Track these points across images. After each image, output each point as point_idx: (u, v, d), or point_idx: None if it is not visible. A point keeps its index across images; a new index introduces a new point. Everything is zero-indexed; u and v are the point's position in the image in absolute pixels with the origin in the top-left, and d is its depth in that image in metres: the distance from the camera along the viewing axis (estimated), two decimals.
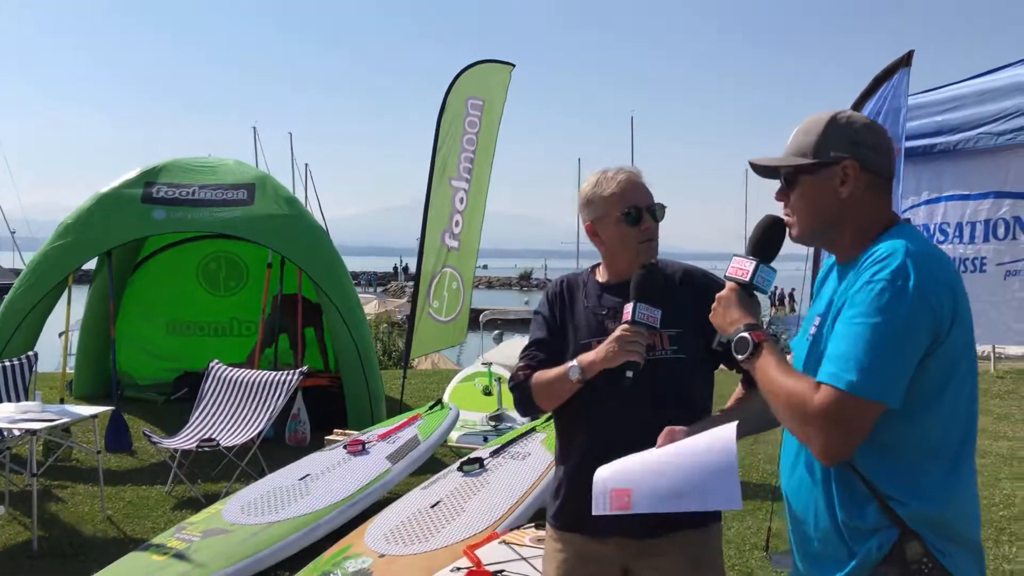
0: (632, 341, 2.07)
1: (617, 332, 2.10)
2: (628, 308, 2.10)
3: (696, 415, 2.14)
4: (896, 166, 3.88)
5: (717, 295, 1.85)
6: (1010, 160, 3.98)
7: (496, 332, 22.09)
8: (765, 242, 1.83)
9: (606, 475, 1.96)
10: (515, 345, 18.32)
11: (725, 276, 1.87)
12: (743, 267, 1.82)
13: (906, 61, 3.87)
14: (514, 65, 8.82)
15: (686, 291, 2.23)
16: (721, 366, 2.26)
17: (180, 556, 4.37)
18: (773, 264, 1.84)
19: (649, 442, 2.01)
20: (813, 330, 1.73)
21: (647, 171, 2.31)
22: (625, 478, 1.92)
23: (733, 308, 1.80)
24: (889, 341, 1.53)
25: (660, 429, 2.04)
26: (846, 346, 1.56)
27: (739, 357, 1.74)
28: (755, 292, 1.83)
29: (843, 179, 1.70)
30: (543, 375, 2.23)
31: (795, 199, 1.76)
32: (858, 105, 4.05)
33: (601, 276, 2.33)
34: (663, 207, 2.27)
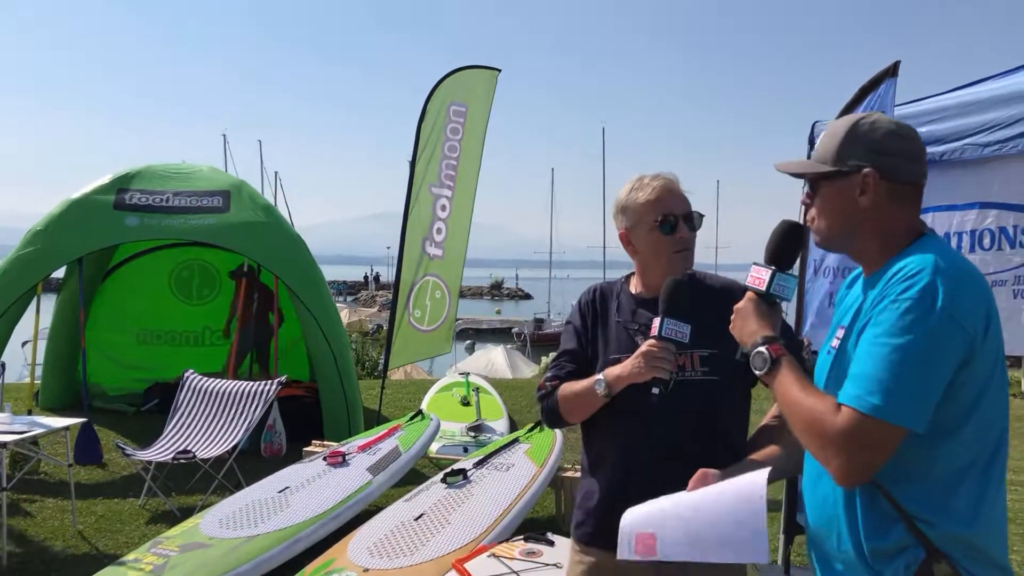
0: (659, 357, 2.00)
1: (643, 347, 2.04)
2: (656, 323, 2.04)
3: (727, 438, 2.09)
4: None
5: (735, 306, 1.81)
6: (995, 171, 4.00)
7: (468, 342, 21.98)
8: (781, 249, 1.78)
9: (632, 519, 1.91)
10: (488, 355, 18.25)
11: (745, 286, 1.83)
12: (760, 276, 1.78)
13: (892, 72, 3.89)
14: (499, 70, 8.77)
15: (723, 308, 2.07)
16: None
17: (157, 571, 4.24)
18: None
19: (676, 465, 1.97)
20: (836, 343, 1.69)
21: (619, 182, 2.26)
22: (651, 522, 1.86)
23: (751, 319, 1.76)
24: (916, 364, 1.47)
25: (687, 452, 2.00)
26: (871, 367, 1.50)
27: (757, 372, 1.70)
28: (776, 301, 1.79)
29: (863, 188, 1.65)
30: (570, 387, 2.19)
31: (818, 205, 1.73)
32: (843, 115, 4.05)
33: (635, 287, 2.27)
34: (701, 216, 2.21)
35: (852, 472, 1.51)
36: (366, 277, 63.73)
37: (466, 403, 8.26)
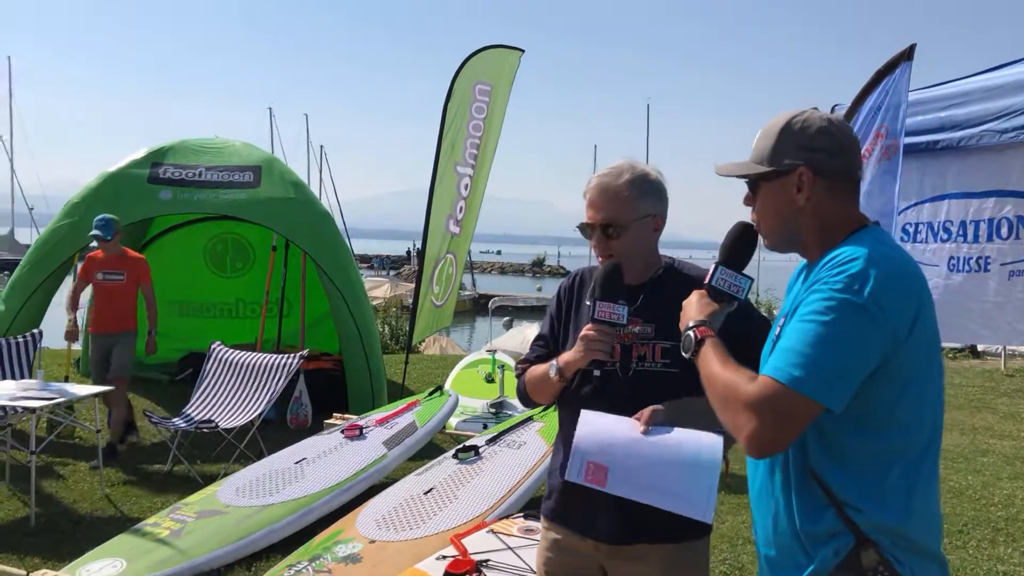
0: (596, 340, 2.03)
1: (582, 331, 2.08)
2: (594, 307, 2.07)
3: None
4: (895, 162, 3.85)
5: (684, 301, 1.84)
6: (1013, 158, 3.91)
7: (506, 319, 22.12)
8: (732, 248, 1.82)
9: (587, 444, 1.95)
10: (524, 333, 18.34)
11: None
12: (709, 271, 1.83)
13: (908, 55, 3.81)
14: (523, 51, 8.76)
15: None
16: None
17: (173, 536, 4.41)
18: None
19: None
20: (778, 330, 1.71)
21: (662, 158, 2.20)
22: (606, 456, 1.91)
23: (690, 309, 1.80)
24: (839, 344, 1.49)
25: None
26: (795, 342, 1.53)
27: (685, 355, 1.74)
28: (725, 297, 1.80)
29: (799, 186, 1.67)
30: (535, 370, 2.25)
31: (759, 206, 1.74)
32: (860, 98, 3.99)
33: None
34: (619, 226, 2.13)
35: (762, 440, 1.52)
36: (408, 252, 64.20)
37: (490, 380, 8.34)
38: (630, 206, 2.15)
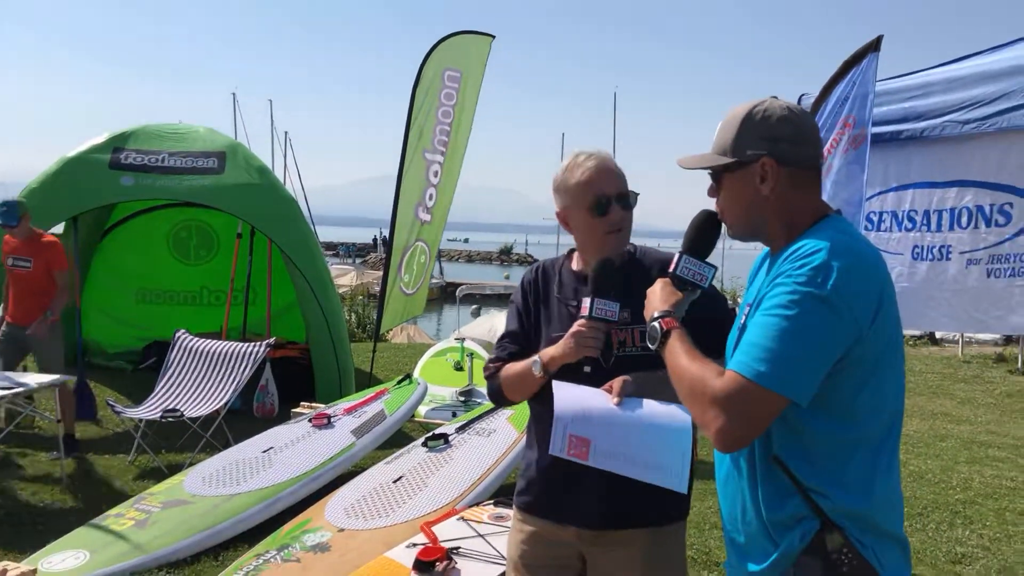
0: (588, 337, 2.03)
1: (574, 328, 2.06)
2: (585, 303, 2.06)
3: None
4: (862, 152, 3.90)
5: (648, 289, 1.85)
6: (975, 148, 3.99)
7: (474, 307, 22.09)
8: (695, 237, 1.83)
9: (569, 418, 1.96)
10: (491, 320, 18.35)
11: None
12: (673, 259, 1.84)
13: (875, 46, 3.86)
14: (493, 36, 8.69)
15: None
16: None
17: (138, 527, 4.35)
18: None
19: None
20: (743, 319, 1.72)
21: (628, 147, 2.22)
22: (588, 429, 1.93)
23: (654, 298, 1.81)
24: (803, 337, 1.51)
25: None
26: (759, 337, 1.54)
27: (651, 347, 1.75)
28: (689, 285, 1.82)
29: (763, 176, 1.67)
30: (511, 368, 2.21)
31: (722, 197, 1.75)
32: (828, 88, 4.04)
33: (576, 264, 2.28)
34: (635, 195, 2.19)
35: (729, 435, 1.54)
36: (375, 239, 63.78)
37: (459, 368, 8.33)
38: (627, 182, 2.20)
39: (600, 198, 2.15)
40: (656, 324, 1.73)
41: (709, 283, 1.84)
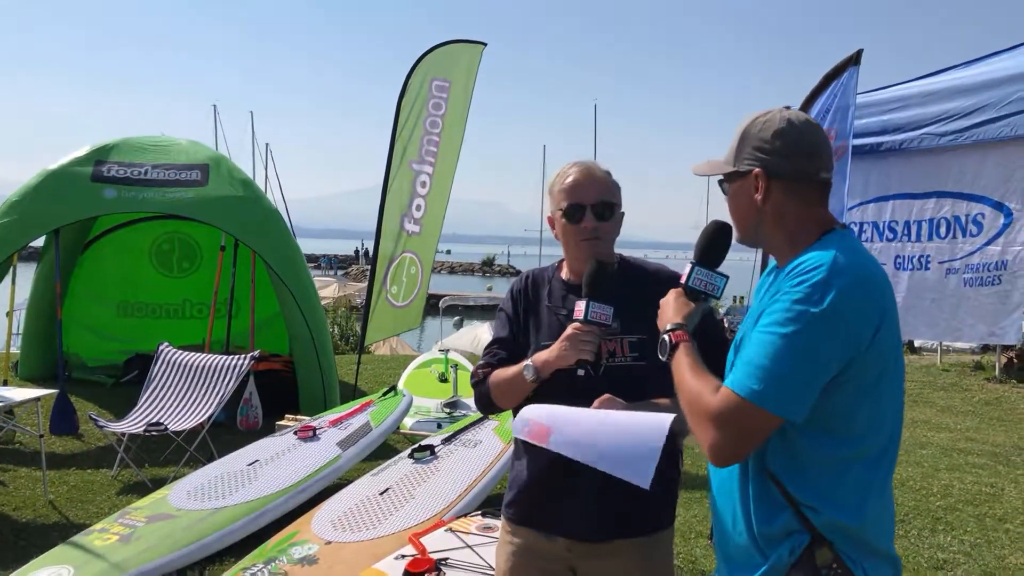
0: (583, 340, 2.05)
1: (568, 331, 2.08)
2: (580, 306, 2.09)
3: None
4: (843, 163, 3.97)
5: (661, 300, 1.87)
6: (951, 161, 4.07)
7: (456, 318, 22.09)
8: (706, 247, 1.85)
9: (532, 412, 2.00)
10: (475, 331, 18.33)
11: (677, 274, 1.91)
12: (684, 271, 1.86)
13: (855, 60, 3.93)
14: (485, 44, 8.66)
15: (653, 294, 2.12)
16: None
17: (123, 542, 4.32)
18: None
19: None
20: (742, 332, 1.75)
21: (608, 159, 2.26)
22: (549, 419, 1.96)
23: (668, 310, 1.83)
24: (798, 355, 1.52)
25: None
26: (755, 354, 1.56)
27: (662, 358, 1.77)
28: (701, 296, 1.84)
29: (756, 187, 1.70)
30: (501, 374, 2.23)
31: (728, 203, 1.79)
32: (809, 101, 4.10)
33: (565, 273, 2.30)
34: (612, 205, 2.20)
35: (722, 451, 1.57)
36: (357, 251, 63.64)
37: (444, 379, 8.34)
38: (614, 191, 2.24)
39: (573, 206, 2.19)
40: (666, 337, 1.76)
41: (721, 292, 1.85)
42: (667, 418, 1.84)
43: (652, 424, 1.83)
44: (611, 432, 1.87)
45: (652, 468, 1.76)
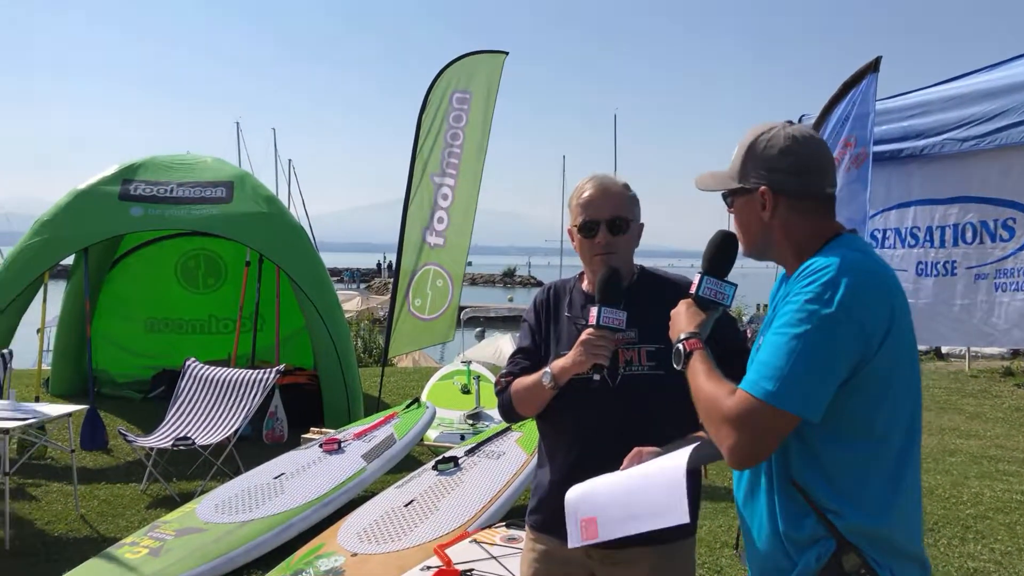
0: (597, 345, 2.09)
1: (583, 336, 2.12)
2: (593, 312, 2.12)
3: (674, 429, 2.14)
4: (864, 170, 3.96)
5: (672, 310, 1.89)
6: (975, 165, 4.05)
7: (478, 330, 22.13)
8: (713, 257, 1.88)
9: (576, 502, 2.01)
10: (496, 343, 18.35)
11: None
12: (694, 281, 1.89)
13: (874, 67, 3.92)
14: (507, 53, 8.62)
15: (669, 304, 2.17)
16: None
17: (153, 555, 4.37)
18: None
19: (625, 456, 2.05)
20: (761, 338, 1.76)
21: (630, 169, 2.28)
22: (592, 506, 1.98)
23: (680, 319, 1.85)
24: (810, 354, 1.53)
25: (636, 444, 2.07)
26: (769, 355, 1.57)
27: (676, 367, 1.78)
28: (712, 305, 1.86)
29: (763, 204, 1.72)
30: (522, 382, 2.27)
31: (734, 217, 1.81)
32: (828, 109, 4.10)
33: (585, 284, 2.34)
34: (626, 220, 2.24)
35: (741, 453, 1.58)
36: (379, 265, 63.99)
37: (466, 391, 8.35)
38: (630, 206, 2.27)
39: (588, 222, 2.23)
40: (680, 346, 1.78)
41: (731, 300, 1.87)
42: (683, 457, 1.86)
43: (671, 468, 1.86)
44: (639, 492, 1.90)
45: (685, 506, 1.78)
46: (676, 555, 2.21)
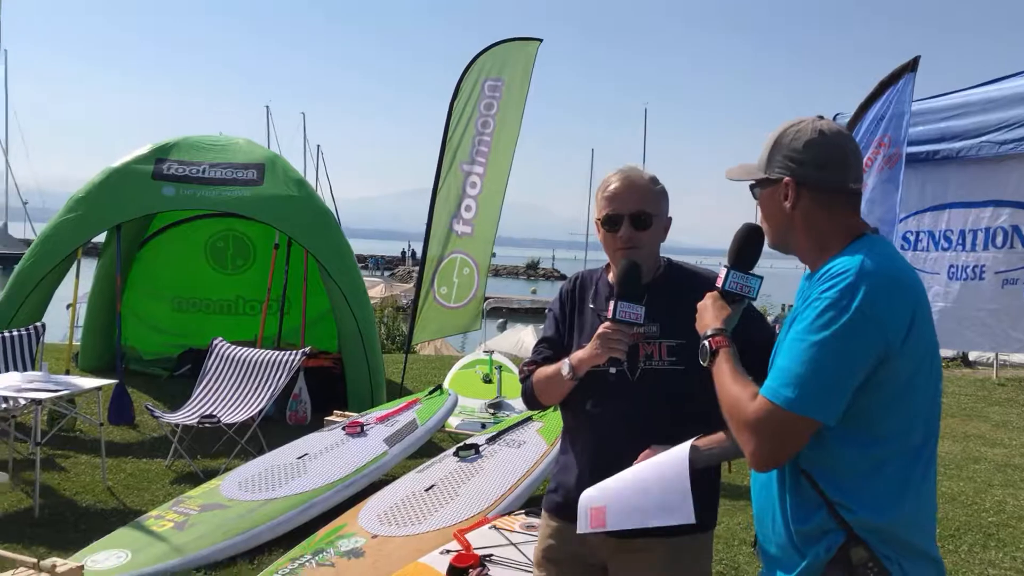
0: (613, 339, 2.10)
1: (600, 329, 2.13)
2: (610, 306, 2.13)
3: (693, 424, 2.14)
4: (897, 171, 3.93)
5: (699, 304, 1.91)
6: (1012, 169, 4.00)
7: (500, 321, 22.16)
8: (739, 250, 1.88)
9: (589, 493, 2.05)
10: (518, 334, 18.40)
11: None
12: (720, 275, 1.90)
13: (912, 66, 3.89)
14: (540, 40, 8.55)
15: (693, 299, 2.13)
16: None
17: (177, 529, 4.46)
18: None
19: (643, 447, 2.08)
20: (782, 335, 1.77)
21: (659, 165, 2.27)
22: (603, 497, 2.02)
23: (706, 314, 1.87)
24: (829, 360, 1.55)
25: (655, 437, 2.09)
26: (788, 361, 1.59)
27: (702, 363, 1.80)
28: (738, 299, 1.87)
29: (785, 195, 1.74)
30: (544, 371, 2.30)
31: (759, 209, 1.82)
32: (864, 108, 4.07)
33: (611, 276, 2.34)
34: (649, 215, 2.22)
35: (763, 457, 1.61)
36: (403, 253, 64.26)
37: (488, 380, 8.39)
38: (656, 200, 2.26)
39: (611, 216, 2.23)
40: (706, 343, 1.79)
41: (756, 293, 1.88)
42: (683, 454, 1.89)
43: (674, 462, 1.89)
44: (647, 487, 1.94)
45: (690, 507, 1.81)
46: (690, 550, 2.21)
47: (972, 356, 15.24)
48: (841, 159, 1.73)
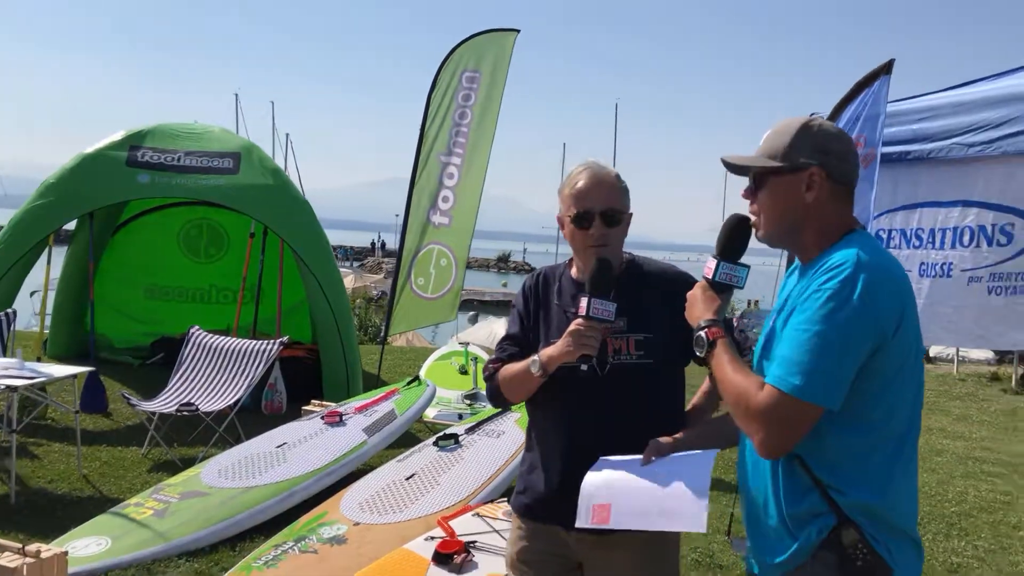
0: (585, 336, 2.07)
1: (572, 327, 2.11)
2: (583, 303, 2.10)
3: (663, 418, 2.17)
4: (871, 171, 4.05)
5: (688, 293, 1.96)
6: (979, 171, 4.15)
7: (471, 313, 22.21)
8: (729, 241, 1.93)
9: (593, 487, 2.02)
10: (490, 326, 18.45)
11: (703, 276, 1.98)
12: (709, 265, 1.94)
13: (887, 69, 4.00)
14: (518, 31, 8.60)
15: (657, 293, 2.19)
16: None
17: (157, 516, 4.46)
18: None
19: (611, 442, 2.10)
20: (770, 324, 1.84)
21: (627, 159, 2.25)
22: (609, 492, 2.00)
23: (697, 305, 1.91)
24: (832, 349, 1.63)
25: (625, 432, 2.11)
26: (792, 351, 1.66)
27: (698, 353, 1.87)
28: (726, 288, 1.93)
29: (809, 185, 1.79)
30: (510, 369, 2.26)
31: (763, 199, 1.85)
32: (839, 109, 4.19)
33: (575, 271, 2.32)
34: (619, 212, 2.22)
35: (772, 444, 1.68)
36: (373, 244, 63.93)
37: (464, 372, 8.45)
38: (623, 197, 2.27)
39: (582, 212, 2.21)
40: (702, 334, 1.84)
41: (744, 282, 1.93)
42: (708, 463, 1.91)
43: (696, 472, 1.90)
44: (661, 491, 1.92)
45: (704, 515, 1.83)
46: (663, 542, 2.21)
47: (932, 352, 15.62)
48: (854, 156, 1.84)
